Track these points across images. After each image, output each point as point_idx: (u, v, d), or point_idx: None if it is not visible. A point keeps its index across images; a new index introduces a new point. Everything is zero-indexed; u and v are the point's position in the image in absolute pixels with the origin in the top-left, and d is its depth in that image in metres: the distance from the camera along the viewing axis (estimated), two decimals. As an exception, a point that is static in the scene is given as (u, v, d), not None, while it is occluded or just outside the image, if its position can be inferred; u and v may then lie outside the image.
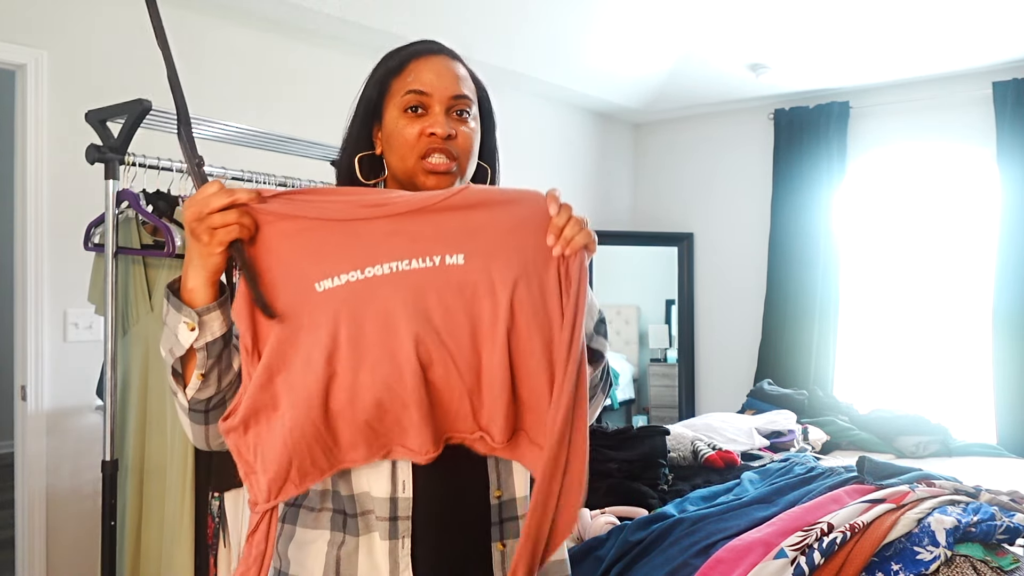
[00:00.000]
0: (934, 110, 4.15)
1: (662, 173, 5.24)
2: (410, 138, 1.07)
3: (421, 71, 1.09)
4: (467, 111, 1.11)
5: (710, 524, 1.87)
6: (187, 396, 0.99)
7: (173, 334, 0.96)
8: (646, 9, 3.69)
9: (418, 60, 1.10)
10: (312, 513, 1.06)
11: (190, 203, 0.91)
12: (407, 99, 1.08)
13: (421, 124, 1.07)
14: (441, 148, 1.07)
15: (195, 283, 0.95)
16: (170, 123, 2.07)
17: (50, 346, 2.61)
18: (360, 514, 1.03)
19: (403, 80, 1.09)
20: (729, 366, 4.87)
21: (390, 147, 1.10)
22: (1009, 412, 3.79)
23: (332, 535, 1.04)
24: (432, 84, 1.08)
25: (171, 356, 0.98)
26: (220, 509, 1.97)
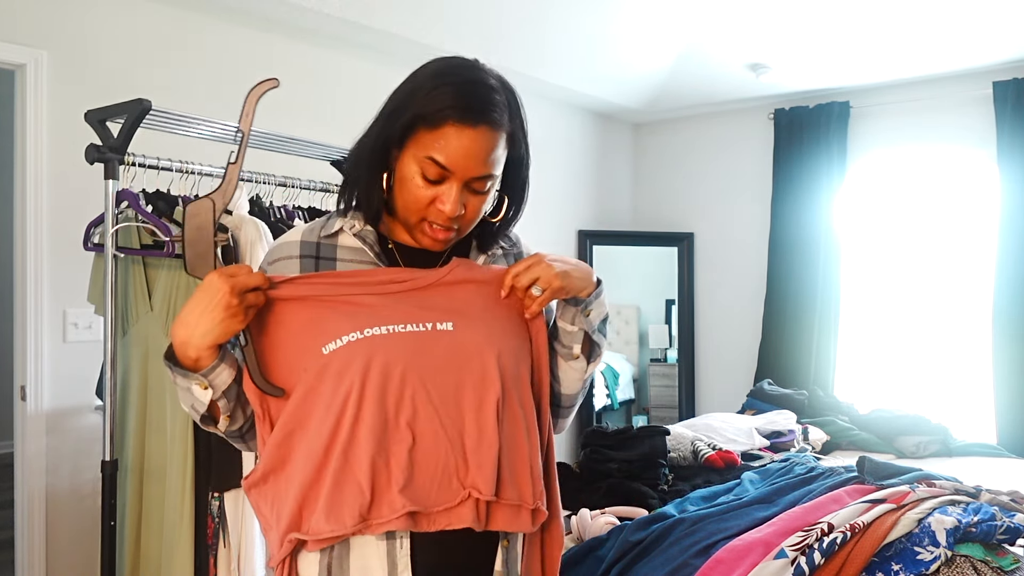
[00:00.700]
0: (934, 110, 4.15)
1: (662, 173, 5.24)
2: (420, 201, 1.06)
3: (451, 142, 1.01)
4: (483, 189, 1.08)
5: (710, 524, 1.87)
6: (222, 430, 1.10)
7: (189, 393, 1.04)
8: (646, 9, 3.69)
9: (454, 127, 1.01)
10: None
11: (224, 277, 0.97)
12: (427, 166, 1.03)
13: (435, 193, 1.05)
14: (446, 224, 1.07)
15: (199, 352, 1.00)
16: (170, 123, 2.08)
17: (50, 346, 2.61)
18: None
19: (432, 141, 1.02)
20: (729, 366, 4.86)
21: (399, 188, 1.08)
22: (1009, 412, 3.79)
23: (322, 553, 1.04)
24: (457, 163, 1.03)
25: (195, 411, 1.06)
26: (220, 509, 1.96)
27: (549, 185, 4.61)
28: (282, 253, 1.13)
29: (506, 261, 1.23)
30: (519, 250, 1.27)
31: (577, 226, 4.83)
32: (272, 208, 2.27)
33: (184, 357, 1.01)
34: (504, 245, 1.24)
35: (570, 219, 4.79)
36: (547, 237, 4.60)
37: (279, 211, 2.28)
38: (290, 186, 2.29)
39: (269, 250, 1.16)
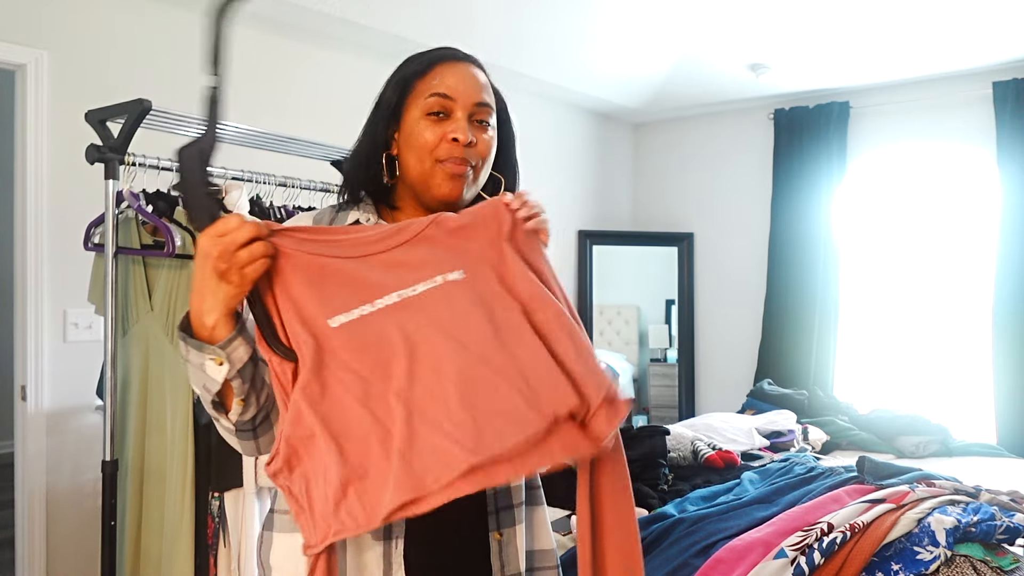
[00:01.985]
0: (934, 110, 4.16)
1: (662, 173, 5.24)
2: (431, 141, 1.06)
3: (446, 75, 1.08)
4: (487, 120, 1.11)
5: (710, 524, 1.87)
6: (232, 421, 0.98)
7: (202, 372, 0.94)
8: (646, 9, 3.69)
9: (444, 64, 1.10)
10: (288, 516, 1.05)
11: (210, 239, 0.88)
12: (431, 102, 1.07)
13: (443, 128, 1.07)
14: (460, 154, 1.06)
15: (213, 319, 0.91)
16: (170, 123, 2.07)
17: (50, 346, 2.61)
18: None
19: (428, 82, 1.08)
20: (729, 366, 4.87)
21: (408, 148, 1.08)
22: (1009, 412, 3.79)
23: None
24: (457, 89, 1.07)
25: (207, 392, 0.96)
26: (220, 509, 1.97)
27: (549, 185, 4.61)
28: None
29: None
30: None
31: (577, 226, 4.83)
32: (272, 208, 2.27)
33: (200, 327, 0.93)
34: None
35: (570, 219, 4.79)
36: (547, 237, 4.59)
37: (279, 211, 2.28)
38: (290, 186, 2.29)
39: None
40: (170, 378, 1.96)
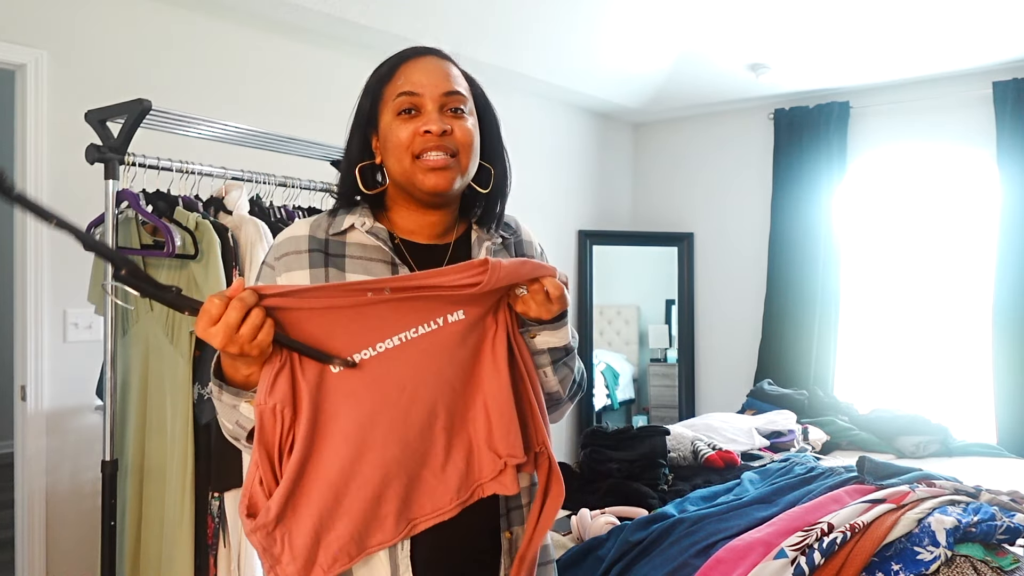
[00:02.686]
0: (934, 110, 4.15)
1: (662, 173, 5.24)
2: (404, 139, 1.08)
3: (411, 73, 1.10)
4: (462, 108, 1.11)
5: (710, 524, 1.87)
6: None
7: (235, 410, 1.00)
8: (646, 9, 3.69)
9: (407, 63, 1.12)
10: None
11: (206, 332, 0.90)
12: (399, 102, 1.09)
13: (415, 124, 1.08)
14: (437, 145, 1.07)
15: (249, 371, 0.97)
16: (170, 123, 2.08)
17: (50, 346, 2.61)
18: None
19: (394, 84, 1.11)
20: (729, 366, 4.86)
21: (387, 152, 1.11)
22: (1009, 412, 3.79)
23: None
24: (422, 84, 1.09)
25: (240, 428, 1.02)
26: (220, 509, 1.96)
27: (549, 185, 4.61)
28: (290, 248, 1.11)
29: (507, 252, 1.22)
30: (520, 237, 1.27)
31: (577, 226, 4.83)
32: (272, 208, 2.27)
33: (235, 374, 0.98)
34: (504, 234, 1.24)
35: (570, 219, 4.79)
36: (547, 237, 4.60)
37: (279, 211, 2.28)
38: (290, 186, 2.29)
39: (274, 244, 1.14)
40: (170, 378, 1.95)
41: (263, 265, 1.14)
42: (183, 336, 1.93)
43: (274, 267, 1.11)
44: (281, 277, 1.09)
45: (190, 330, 1.93)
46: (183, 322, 1.94)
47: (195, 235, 1.92)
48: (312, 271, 1.09)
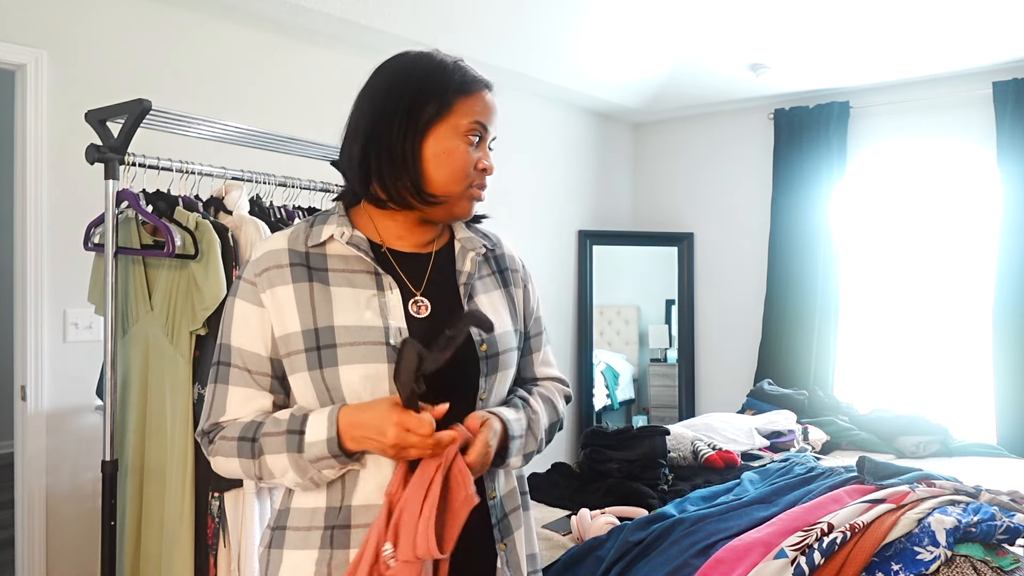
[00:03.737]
0: (934, 110, 4.15)
1: (662, 173, 5.24)
2: (468, 166, 1.10)
3: (487, 105, 1.12)
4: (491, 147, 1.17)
5: (710, 524, 1.87)
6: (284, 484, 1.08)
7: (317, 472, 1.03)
8: (646, 9, 3.69)
9: (484, 92, 1.13)
10: (300, 533, 1.07)
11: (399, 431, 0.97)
12: (473, 127, 1.10)
13: (478, 156, 1.12)
14: (484, 183, 1.14)
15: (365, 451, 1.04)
16: (170, 123, 2.08)
17: (50, 346, 2.61)
18: (355, 526, 1.05)
19: (470, 106, 1.10)
20: (729, 366, 4.86)
21: (441, 163, 1.09)
22: (1009, 412, 3.79)
23: (320, 553, 1.05)
24: (491, 121, 1.13)
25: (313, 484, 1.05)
26: (220, 509, 1.96)
27: (549, 185, 4.61)
28: (270, 262, 1.09)
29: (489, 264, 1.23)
30: (502, 251, 1.27)
31: (577, 226, 4.83)
32: (272, 208, 2.27)
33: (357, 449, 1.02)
34: (488, 245, 1.24)
35: (570, 219, 4.79)
36: (547, 237, 4.60)
37: (279, 211, 2.28)
38: (290, 186, 2.29)
39: (252, 261, 1.11)
40: (170, 378, 1.95)
41: (241, 281, 1.11)
42: (183, 336, 1.93)
43: (255, 283, 1.09)
44: (265, 294, 1.08)
45: (190, 330, 1.93)
46: (183, 322, 1.94)
47: (195, 235, 1.92)
48: (296, 286, 1.07)
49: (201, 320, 1.90)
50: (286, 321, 1.07)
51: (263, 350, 1.08)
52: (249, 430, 1.06)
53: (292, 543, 1.07)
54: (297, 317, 1.06)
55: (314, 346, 1.05)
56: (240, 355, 1.09)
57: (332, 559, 1.04)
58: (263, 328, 1.08)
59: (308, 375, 1.06)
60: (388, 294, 1.10)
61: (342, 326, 1.06)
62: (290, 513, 1.09)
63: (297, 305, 1.07)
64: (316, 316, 1.06)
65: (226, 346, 1.10)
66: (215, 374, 1.11)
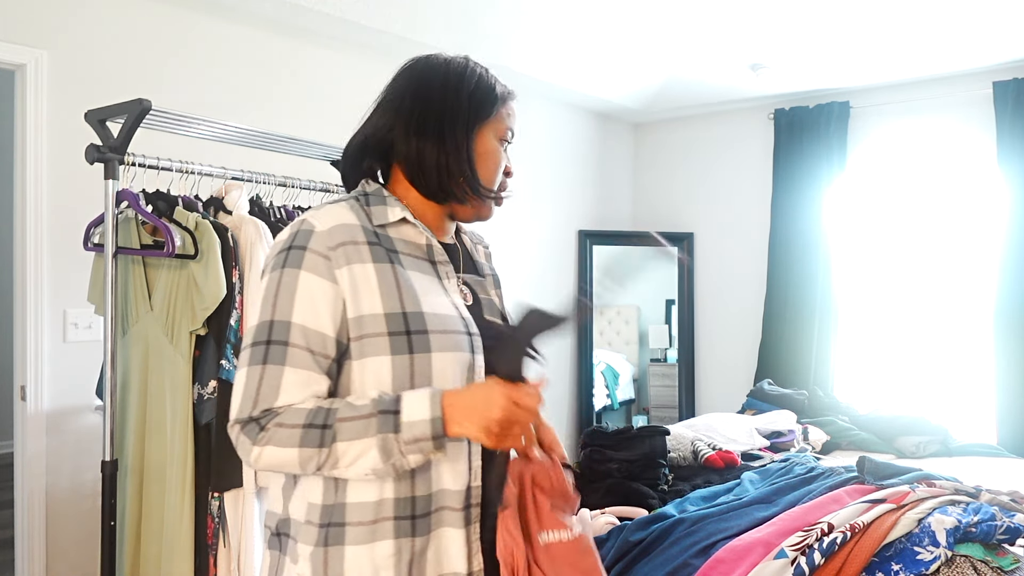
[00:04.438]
0: (934, 110, 4.15)
1: (662, 173, 5.24)
2: (500, 168, 1.18)
3: (513, 112, 1.20)
4: None
5: (710, 524, 1.87)
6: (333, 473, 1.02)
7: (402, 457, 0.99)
8: (646, 9, 3.69)
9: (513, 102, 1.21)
10: (366, 527, 1.02)
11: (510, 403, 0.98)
12: (505, 134, 1.18)
13: (505, 159, 1.19)
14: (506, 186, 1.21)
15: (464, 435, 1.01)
16: (170, 123, 2.08)
17: (50, 346, 2.61)
18: (433, 511, 1.05)
19: (506, 112, 1.18)
20: (729, 366, 4.86)
21: (484, 163, 1.15)
22: (1010, 412, 3.79)
23: (397, 543, 1.02)
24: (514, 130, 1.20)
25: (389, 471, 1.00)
26: (220, 509, 1.96)
27: (549, 185, 4.61)
28: (345, 237, 1.04)
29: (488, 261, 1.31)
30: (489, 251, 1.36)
31: (577, 226, 4.83)
32: (272, 208, 2.27)
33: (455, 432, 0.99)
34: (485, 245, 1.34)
35: (570, 219, 4.79)
36: (547, 237, 4.60)
37: (279, 211, 2.28)
38: (290, 186, 2.29)
39: (319, 232, 1.04)
40: (170, 378, 1.95)
41: (306, 252, 1.03)
42: (183, 336, 1.94)
43: (329, 257, 1.02)
44: (340, 270, 1.02)
45: (190, 330, 1.93)
46: (183, 322, 1.94)
47: (195, 235, 1.92)
48: (376, 265, 1.04)
49: (201, 320, 1.90)
50: (362, 302, 1.02)
51: (330, 329, 1.01)
52: (319, 416, 0.98)
53: (356, 538, 1.02)
54: (379, 299, 1.03)
55: (402, 330, 1.02)
56: (302, 333, 1.00)
57: (414, 546, 1.03)
58: (334, 306, 1.02)
59: (391, 359, 1.01)
60: (447, 283, 1.12)
61: (432, 313, 1.05)
62: (347, 508, 1.03)
63: (380, 286, 1.03)
64: (403, 300, 1.04)
65: (282, 323, 1.01)
66: (263, 354, 1.00)
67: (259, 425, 0.99)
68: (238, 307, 1.93)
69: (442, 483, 1.05)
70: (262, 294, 1.04)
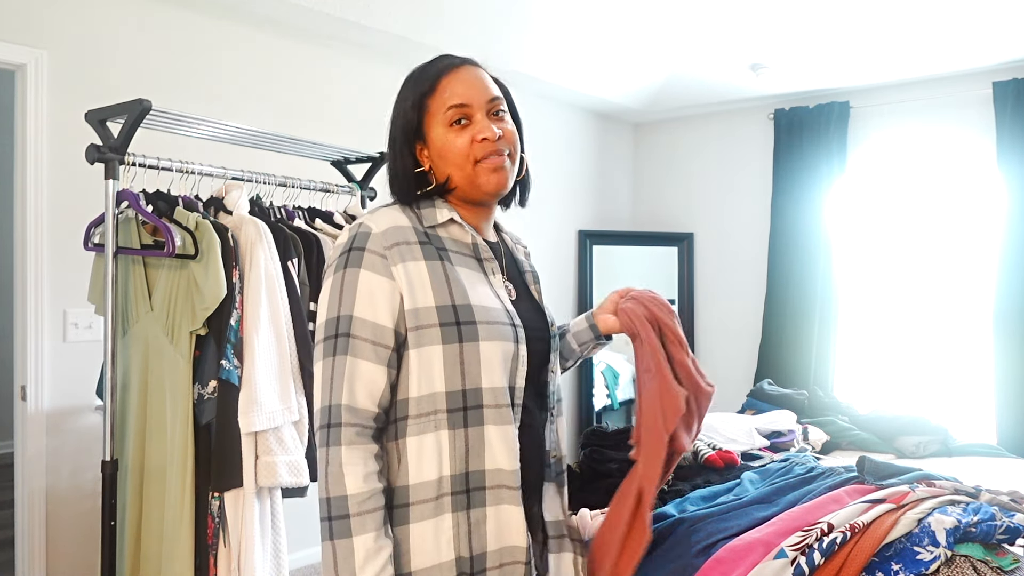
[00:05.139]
0: (934, 110, 4.15)
1: (662, 173, 5.24)
2: (463, 148, 1.16)
3: (455, 86, 1.16)
4: (502, 110, 1.20)
5: (710, 524, 1.87)
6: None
7: None
8: (646, 9, 3.69)
9: (448, 76, 1.17)
10: (428, 504, 1.11)
11: None
12: (450, 114, 1.16)
13: (470, 133, 1.16)
14: (494, 149, 1.17)
15: None
16: (170, 123, 2.07)
17: (50, 346, 2.61)
18: (490, 488, 1.13)
19: (440, 98, 1.17)
20: (729, 366, 4.86)
21: (444, 161, 1.18)
22: (1010, 412, 3.79)
23: (455, 516, 1.11)
24: (468, 95, 1.16)
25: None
26: (220, 509, 1.96)
27: (549, 185, 4.61)
28: (399, 237, 1.13)
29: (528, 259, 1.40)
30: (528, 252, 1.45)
31: (577, 226, 4.83)
32: (272, 208, 2.27)
33: None
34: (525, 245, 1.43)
35: (570, 219, 4.79)
36: (547, 237, 4.60)
37: (279, 211, 2.28)
38: (290, 186, 2.29)
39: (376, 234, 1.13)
40: (170, 378, 1.95)
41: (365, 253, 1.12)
42: (183, 336, 1.93)
43: (385, 256, 1.11)
44: (396, 267, 1.11)
45: (190, 330, 1.93)
46: (183, 322, 1.94)
47: (195, 235, 1.92)
48: (428, 263, 1.13)
49: (201, 320, 1.90)
50: (417, 295, 1.11)
51: (390, 321, 1.10)
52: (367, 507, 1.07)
53: (420, 515, 1.10)
54: (431, 292, 1.11)
55: (452, 321, 1.11)
56: (366, 327, 1.09)
57: (470, 519, 1.11)
58: (392, 300, 1.10)
59: (442, 348, 1.10)
60: (492, 278, 1.21)
61: (479, 305, 1.14)
62: (410, 490, 1.10)
63: (431, 281, 1.12)
64: (452, 293, 1.12)
65: (348, 318, 1.09)
66: (334, 347, 1.09)
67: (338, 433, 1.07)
68: (238, 307, 1.93)
69: (497, 463, 1.13)
70: (327, 293, 1.13)
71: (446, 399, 1.10)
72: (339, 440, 1.06)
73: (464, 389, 1.11)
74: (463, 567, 1.10)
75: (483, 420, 1.12)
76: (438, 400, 1.10)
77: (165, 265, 2.00)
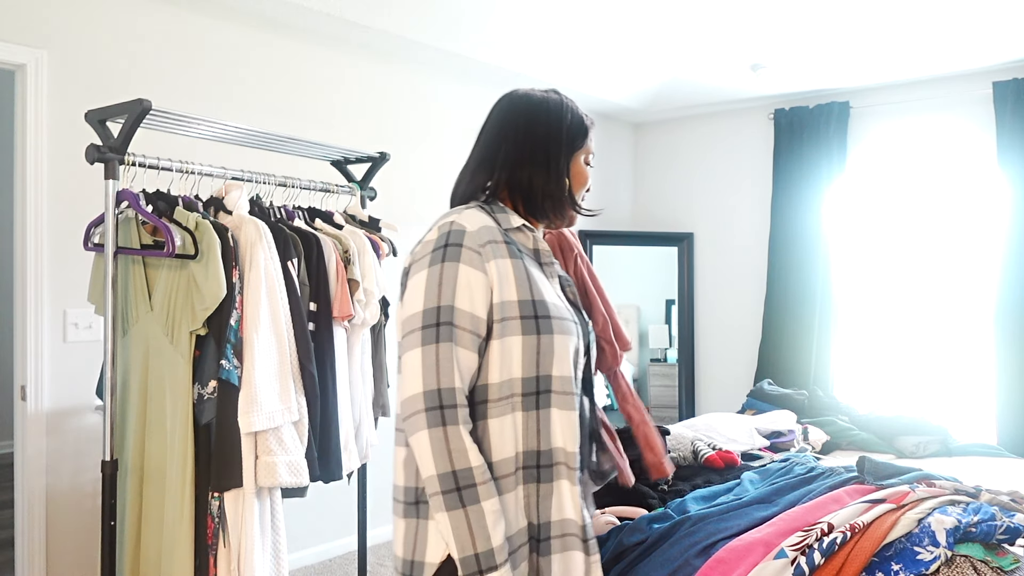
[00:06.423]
0: (934, 110, 4.16)
1: (662, 173, 5.24)
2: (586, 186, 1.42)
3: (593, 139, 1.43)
4: None
5: (710, 524, 1.87)
6: None
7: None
8: (646, 10, 3.69)
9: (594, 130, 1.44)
10: (507, 479, 1.23)
11: None
12: (590, 158, 1.42)
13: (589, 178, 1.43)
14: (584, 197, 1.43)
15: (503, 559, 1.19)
16: (170, 123, 2.07)
17: (50, 346, 2.61)
18: (554, 464, 1.26)
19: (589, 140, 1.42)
20: (729, 366, 4.86)
21: (576, 184, 1.40)
22: (1010, 412, 3.79)
23: (526, 488, 1.24)
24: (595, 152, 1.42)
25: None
26: (220, 509, 1.96)
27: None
28: (490, 236, 1.26)
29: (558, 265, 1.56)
30: None
31: (577, 226, 4.83)
32: (272, 208, 2.27)
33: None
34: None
35: (570, 219, 4.78)
36: (547, 237, 4.60)
37: (279, 211, 2.28)
38: (290, 186, 2.29)
39: (470, 232, 1.24)
40: (170, 378, 1.95)
41: (462, 249, 1.23)
42: (183, 336, 1.93)
43: (481, 252, 1.23)
44: (489, 263, 1.23)
45: (190, 330, 1.93)
46: (183, 322, 1.94)
47: (195, 235, 1.92)
48: (513, 261, 1.26)
49: (201, 320, 1.90)
50: (505, 289, 1.23)
51: (483, 312, 1.22)
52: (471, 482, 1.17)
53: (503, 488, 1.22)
54: (515, 287, 1.24)
55: (532, 315, 1.24)
56: (465, 317, 1.20)
57: (539, 491, 1.25)
58: (485, 292, 1.22)
59: (523, 339, 1.23)
60: (551, 280, 1.35)
61: (551, 302, 1.27)
62: (494, 467, 1.22)
63: (515, 277, 1.25)
64: (532, 289, 1.25)
65: (449, 308, 1.20)
66: (435, 334, 1.19)
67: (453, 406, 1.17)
68: (238, 307, 1.93)
69: (556, 442, 1.25)
70: (424, 284, 1.22)
71: (522, 384, 1.23)
72: (456, 420, 1.16)
73: (538, 376, 1.23)
74: (532, 532, 1.25)
75: (550, 404, 1.25)
76: (515, 385, 1.22)
77: (165, 265, 2.00)
